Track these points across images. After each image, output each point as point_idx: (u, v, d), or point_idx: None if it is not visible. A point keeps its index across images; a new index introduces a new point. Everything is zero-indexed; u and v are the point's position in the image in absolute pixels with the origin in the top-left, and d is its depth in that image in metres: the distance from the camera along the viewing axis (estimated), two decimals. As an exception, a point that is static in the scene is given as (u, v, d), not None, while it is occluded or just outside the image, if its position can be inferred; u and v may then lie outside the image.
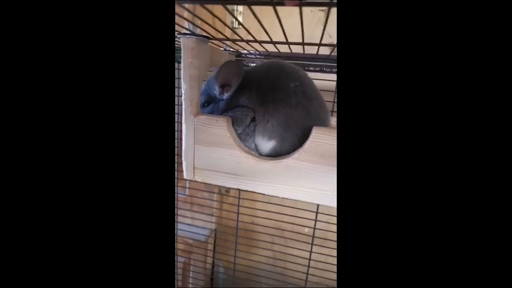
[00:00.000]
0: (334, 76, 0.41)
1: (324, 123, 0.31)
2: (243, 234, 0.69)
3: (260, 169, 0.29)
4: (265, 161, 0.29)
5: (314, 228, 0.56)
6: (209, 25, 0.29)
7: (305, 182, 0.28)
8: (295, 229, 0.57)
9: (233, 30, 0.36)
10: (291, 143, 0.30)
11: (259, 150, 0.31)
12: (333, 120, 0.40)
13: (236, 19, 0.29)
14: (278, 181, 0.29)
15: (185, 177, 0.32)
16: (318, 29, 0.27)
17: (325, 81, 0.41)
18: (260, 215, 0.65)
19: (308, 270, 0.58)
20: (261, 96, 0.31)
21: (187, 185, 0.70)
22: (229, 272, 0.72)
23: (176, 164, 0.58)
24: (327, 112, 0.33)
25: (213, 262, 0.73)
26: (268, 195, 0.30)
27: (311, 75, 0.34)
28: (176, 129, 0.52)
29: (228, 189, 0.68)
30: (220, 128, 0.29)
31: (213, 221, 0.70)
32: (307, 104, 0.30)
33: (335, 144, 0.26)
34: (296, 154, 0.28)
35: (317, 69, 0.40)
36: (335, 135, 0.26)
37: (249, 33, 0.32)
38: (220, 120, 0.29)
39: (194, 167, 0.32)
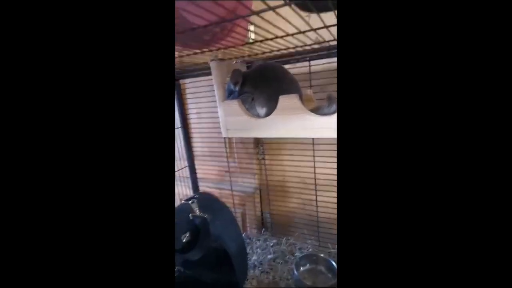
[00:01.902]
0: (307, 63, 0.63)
1: (292, 93, 0.54)
2: (279, 188, 0.94)
3: (258, 124, 0.55)
4: (260, 119, 0.54)
5: (315, 179, 0.77)
6: (232, 47, 0.54)
7: (282, 125, 0.52)
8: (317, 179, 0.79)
9: (249, 44, 0.61)
10: (273, 107, 0.54)
11: (259, 115, 0.56)
12: (309, 90, 0.61)
13: (251, 38, 0.54)
14: (269, 128, 0.54)
15: (223, 135, 0.60)
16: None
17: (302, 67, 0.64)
18: (288, 173, 0.89)
19: (317, 212, 0.80)
20: (255, 85, 0.56)
21: (236, 157, 0.99)
22: (273, 218, 0.98)
23: (226, 147, 0.89)
24: (296, 86, 0.56)
25: (261, 211, 1.01)
26: (269, 137, 0.55)
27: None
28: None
29: (263, 156, 0.94)
30: (235, 105, 0.56)
31: (255, 181, 0.98)
32: (279, 84, 0.54)
33: (292, 102, 0.49)
34: (274, 112, 0.52)
35: (291, 61, 0.63)
36: (291, 97, 0.49)
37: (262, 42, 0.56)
38: (235, 101, 0.56)
39: (227, 129, 0.59)
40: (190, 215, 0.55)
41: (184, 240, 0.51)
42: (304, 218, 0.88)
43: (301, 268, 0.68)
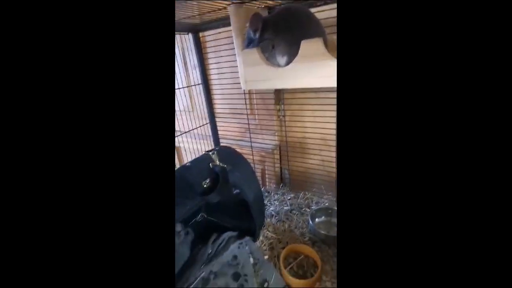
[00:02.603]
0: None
1: (318, 36, 0.49)
2: (298, 145, 0.94)
3: (279, 73, 0.52)
4: (280, 68, 0.52)
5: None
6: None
7: (304, 74, 0.49)
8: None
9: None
10: (295, 54, 0.50)
11: (280, 64, 0.54)
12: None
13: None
14: (290, 77, 0.51)
15: (242, 88, 0.59)
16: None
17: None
18: (309, 131, 0.88)
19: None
20: (276, 31, 0.52)
21: (256, 114, 0.98)
22: (292, 174, 1.00)
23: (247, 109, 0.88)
24: (321, 31, 0.51)
25: (281, 168, 1.03)
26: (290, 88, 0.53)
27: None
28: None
29: (284, 114, 0.93)
30: (255, 54, 0.53)
31: (276, 139, 0.98)
32: (302, 28, 0.50)
33: (315, 47, 0.46)
34: (295, 59, 0.49)
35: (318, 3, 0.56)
36: (314, 41, 0.46)
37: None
38: (254, 50, 0.53)
39: (245, 80, 0.58)
40: (210, 164, 0.58)
41: (205, 186, 0.55)
42: (323, 175, 0.89)
43: (316, 220, 0.71)
